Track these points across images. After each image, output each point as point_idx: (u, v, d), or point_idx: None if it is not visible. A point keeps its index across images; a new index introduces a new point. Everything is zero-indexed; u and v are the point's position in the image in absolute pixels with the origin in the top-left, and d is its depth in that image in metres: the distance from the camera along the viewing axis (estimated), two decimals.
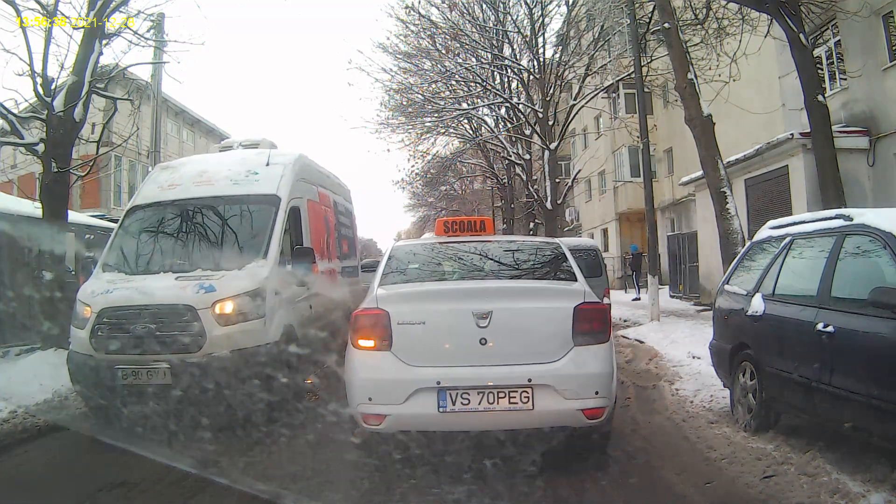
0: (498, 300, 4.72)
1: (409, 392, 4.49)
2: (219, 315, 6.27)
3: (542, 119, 24.76)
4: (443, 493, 4.28)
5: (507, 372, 4.52)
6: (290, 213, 7.50)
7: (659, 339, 11.67)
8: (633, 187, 31.05)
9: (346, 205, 10.89)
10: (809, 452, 4.94)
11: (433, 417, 4.51)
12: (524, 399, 4.48)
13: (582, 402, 4.58)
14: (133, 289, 6.46)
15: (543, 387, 4.50)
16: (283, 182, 7.57)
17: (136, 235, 7.42)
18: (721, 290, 6.69)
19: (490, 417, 4.52)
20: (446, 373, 4.52)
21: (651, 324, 13.63)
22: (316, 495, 4.42)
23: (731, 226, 9.91)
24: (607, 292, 13.92)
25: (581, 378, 4.59)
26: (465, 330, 4.58)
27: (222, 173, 7.70)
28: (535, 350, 4.62)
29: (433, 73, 26.52)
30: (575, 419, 4.60)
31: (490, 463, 4.54)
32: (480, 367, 4.54)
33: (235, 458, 5.42)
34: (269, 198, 7.39)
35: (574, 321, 4.67)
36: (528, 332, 4.67)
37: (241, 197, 7.36)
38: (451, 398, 4.48)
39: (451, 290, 5.11)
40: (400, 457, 4.73)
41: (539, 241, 7.03)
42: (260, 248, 6.93)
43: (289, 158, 8.09)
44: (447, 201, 55.20)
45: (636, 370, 9.45)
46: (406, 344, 4.60)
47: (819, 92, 13.84)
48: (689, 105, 10.22)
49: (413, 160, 30.69)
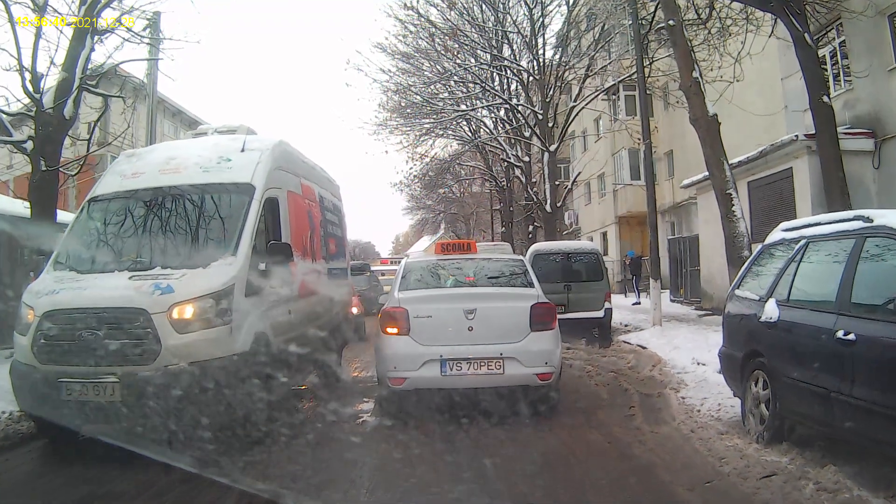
0: (480, 301, 6.91)
1: (421, 362, 6.60)
2: (176, 320, 5.48)
3: (542, 121, 24.53)
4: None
5: (486, 349, 6.62)
6: (266, 204, 6.73)
7: (661, 345, 11.41)
8: (632, 190, 30.83)
9: (335, 201, 10.28)
10: (827, 467, 4.68)
11: (437, 379, 6.62)
12: (498, 366, 6.61)
13: (536, 368, 6.67)
14: (80, 289, 5.74)
15: (511, 359, 6.60)
16: (259, 169, 6.85)
17: (92, 229, 6.68)
18: (731, 296, 6.42)
19: (475, 379, 6.64)
20: (446, 349, 6.61)
21: (653, 329, 13.38)
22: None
23: (737, 228, 9.66)
24: (608, 296, 13.69)
25: (536, 353, 6.69)
26: (458, 321, 6.70)
27: (192, 160, 6.98)
28: (505, 334, 6.71)
29: (431, 73, 26.30)
30: (532, 381, 6.71)
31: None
32: (469, 346, 6.62)
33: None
34: (241, 187, 6.60)
35: (531, 315, 6.80)
36: (500, 322, 6.76)
37: (210, 186, 6.65)
38: (450, 366, 6.58)
39: (448, 294, 7.40)
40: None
41: (508, 257, 9.30)
42: (229, 244, 6.14)
43: (267, 144, 7.40)
44: (445, 204, 54.84)
45: (640, 377, 9.18)
46: (419, 330, 6.73)
47: (824, 92, 13.61)
48: (694, 104, 9.98)
49: (411, 162, 30.48)
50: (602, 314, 13.49)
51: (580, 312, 13.40)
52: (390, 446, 5.87)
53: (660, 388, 8.23)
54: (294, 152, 8.40)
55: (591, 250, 14.25)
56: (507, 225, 35.98)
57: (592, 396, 8.02)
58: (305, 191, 8.46)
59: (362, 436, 6.44)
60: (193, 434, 5.25)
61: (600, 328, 13.93)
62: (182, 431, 5.26)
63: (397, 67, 26.30)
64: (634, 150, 30.94)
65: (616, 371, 9.59)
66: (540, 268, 13.94)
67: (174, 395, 5.33)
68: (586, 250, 14.23)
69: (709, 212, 19.65)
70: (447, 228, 68.49)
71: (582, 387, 8.64)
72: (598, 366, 10.03)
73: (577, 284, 13.58)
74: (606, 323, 13.74)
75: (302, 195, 8.26)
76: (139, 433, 5.32)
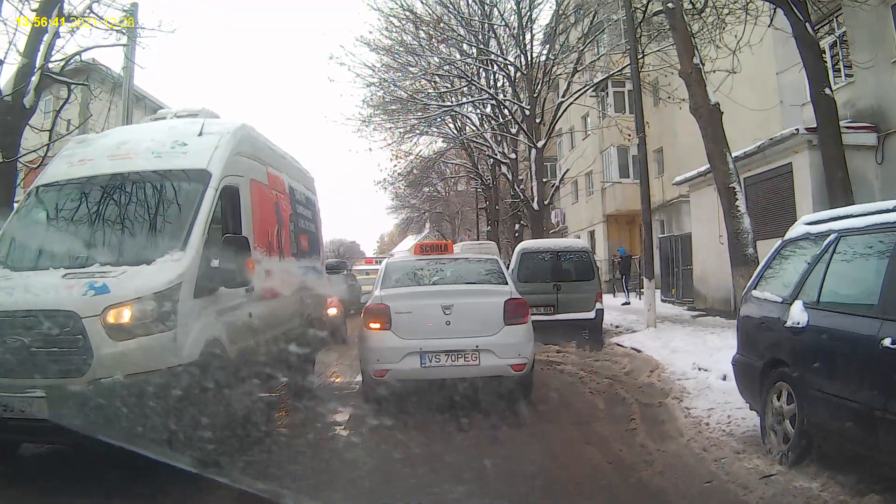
0: (457, 297, 7.21)
1: (402, 355, 6.87)
2: (111, 325, 4.73)
3: (529, 117, 23.87)
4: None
5: (463, 342, 6.90)
6: (223, 193, 5.99)
7: (658, 348, 10.75)
8: (621, 188, 30.28)
9: (308, 194, 9.47)
10: (869, 496, 4.01)
11: (417, 370, 6.90)
12: (474, 358, 6.89)
13: (510, 360, 6.96)
14: (7, 289, 5.04)
15: (486, 351, 6.88)
16: (218, 155, 6.11)
17: (31, 222, 6.01)
18: (747, 297, 5.72)
19: (453, 370, 6.92)
20: (425, 343, 6.89)
21: (647, 330, 12.72)
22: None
23: (741, 225, 9.00)
24: (599, 297, 13.01)
25: (509, 345, 6.97)
26: (436, 316, 6.99)
27: (144, 144, 6.24)
28: (480, 328, 6.99)
29: (416, 68, 25.53)
30: (506, 371, 7.01)
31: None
32: (446, 339, 6.91)
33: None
34: (196, 173, 5.88)
35: (504, 310, 7.10)
36: (476, 317, 7.07)
37: (161, 172, 5.92)
38: (429, 358, 6.86)
39: (427, 291, 7.76)
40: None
41: (483, 257, 10.07)
42: (178, 237, 5.40)
43: (227, 127, 6.64)
44: (431, 203, 54.21)
45: (637, 384, 8.50)
46: (400, 325, 6.99)
47: (826, 84, 13.02)
48: (696, 92, 9.31)
49: (396, 160, 29.72)
50: (593, 315, 12.81)
51: (570, 313, 12.72)
52: (364, 459, 5.55)
53: (661, 397, 7.56)
54: (260, 138, 7.62)
55: (582, 248, 13.56)
56: (493, 224, 35.29)
57: (588, 406, 7.33)
58: (273, 181, 7.69)
59: (332, 451, 5.78)
60: (134, 456, 4.47)
61: (591, 330, 13.25)
62: (120, 452, 4.49)
63: (382, 63, 25.55)
64: (623, 147, 30.42)
65: (611, 377, 8.90)
66: (528, 267, 13.27)
67: (108, 413, 4.58)
68: (576, 248, 13.53)
69: (702, 209, 19.10)
70: (432, 228, 67.89)
71: (575, 395, 7.94)
72: (591, 371, 9.35)
73: (566, 284, 12.90)
74: (598, 324, 13.06)
75: (268, 185, 7.49)
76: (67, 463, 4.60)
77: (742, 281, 9.04)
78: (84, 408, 4.59)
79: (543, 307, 12.77)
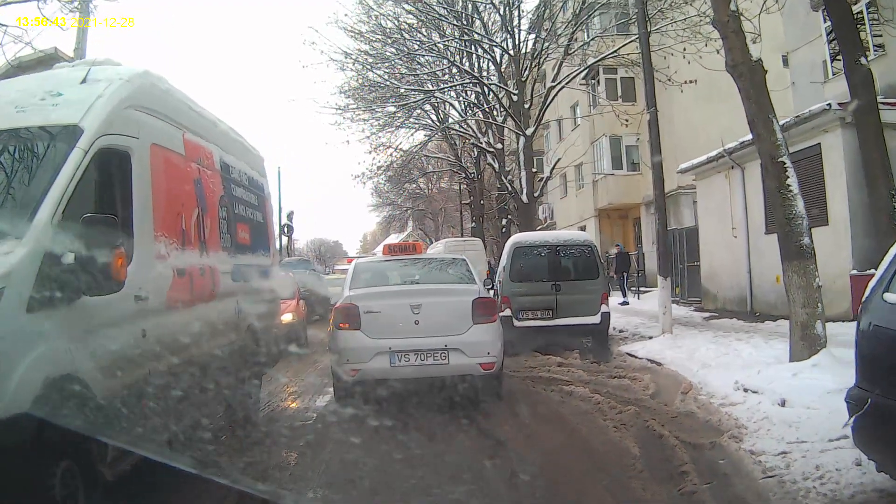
0: (425, 296, 7.28)
1: (372, 354, 6.91)
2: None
3: (517, 102, 21.97)
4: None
5: (432, 341, 6.96)
6: (101, 158, 4.24)
7: (682, 361, 8.95)
8: (614, 180, 28.54)
9: (253, 175, 7.61)
10: None
11: (387, 370, 6.92)
12: (443, 357, 6.95)
13: (479, 358, 7.02)
14: None
15: (455, 350, 6.95)
16: (98, 106, 4.35)
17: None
18: (871, 303, 3.82)
19: (422, 369, 6.98)
20: (395, 342, 6.94)
21: (663, 337, 10.89)
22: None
23: (794, 209, 7.17)
24: (605, 298, 11.20)
25: (478, 344, 7.04)
26: (405, 315, 7.03)
27: (10, 96, 4.54)
28: (449, 327, 7.04)
29: (396, 55, 23.50)
30: (475, 370, 7.04)
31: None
32: (415, 338, 6.96)
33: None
34: (62, 130, 4.16)
35: (473, 309, 7.14)
36: (444, 316, 7.12)
37: (15, 131, 4.19)
38: (398, 357, 6.92)
39: (396, 291, 7.83)
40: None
41: (450, 257, 9.76)
42: (18, 220, 3.66)
43: (121, 74, 4.84)
44: (413, 200, 52.55)
45: (671, 412, 6.63)
46: (369, 325, 7.02)
47: (861, 53, 11.36)
48: (733, 45, 7.48)
49: (374, 152, 27.72)
50: (598, 320, 10.99)
51: (572, 318, 10.90)
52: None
53: (710, 434, 5.71)
54: (174, 92, 5.68)
55: (584, 242, 11.69)
56: (478, 220, 33.39)
57: (615, 451, 5.40)
58: (193, 151, 5.74)
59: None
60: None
61: (595, 337, 11.45)
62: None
63: (359, 50, 23.47)
64: (615, 137, 28.67)
65: (635, 401, 7.03)
66: (521, 264, 11.42)
67: None
68: (578, 242, 11.68)
69: (710, 199, 17.38)
70: (415, 226, 66.29)
71: (596, 432, 6.03)
72: (608, 393, 7.47)
73: (567, 284, 11.07)
74: (604, 331, 11.25)
75: (185, 156, 5.55)
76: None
77: (797, 279, 7.23)
78: None
79: (541, 310, 10.96)
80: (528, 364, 9.74)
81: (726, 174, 16.34)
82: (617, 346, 11.36)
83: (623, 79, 28.04)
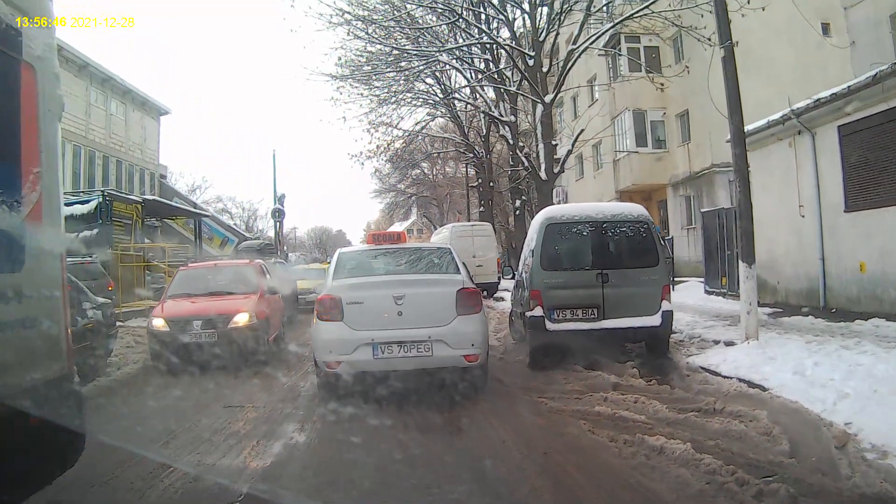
0: (409, 287, 7.15)
1: (354, 346, 6.84)
2: None
3: (534, 67, 19.19)
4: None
5: (416, 332, 6.86)
6: None
7: (797, 384, 6.18)
8: (637, 159, 25.77)
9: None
10: None
11: (370, 362, 6.86)
12: (426, 349, 6.84)
13: (463, 350, 6.90)
14: None
15: (439, 341, 6.85)
16: None
17: None
18: None
19: (405, 361, 6.88)
20: (378, 334, 6.85)
21: (747, 345, 8.10)
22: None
23: None
24: (667, 292, 8.45)
25: (462, 335, 6.92)
26: (388, 306, 6.93)
27: None
28: (433, 318, 6.94)
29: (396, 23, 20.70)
30: (459, 362, 6.96)
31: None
32: (399, 330, 6.87)
33: None
34: None
35: (457, 300, 7.05)
36: (428, 307, 7.01)
37: None
38: (381, 349, 6.83)
39: (379, 282, 7.54)
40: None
41: (434, 246, 9.87)
42: None
43: None
44: (417, 187, 50.15)
45: (844, 490, 3.89)
46: (352, 316, 6.96)
47: None
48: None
49: (373, 129, 24.98)
50: (658, 321, 8.24)
51: (625, 318, 8.17)
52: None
53: None
54: None
55: (639, 217, 8.75)
56: (487, 203, 30.60)
57: None
58: None
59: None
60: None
61: (652, 343, 8.69)
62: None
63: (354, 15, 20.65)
64: (639, 111, 25.87)
65: (770, 466, 4.28)
66: (557, 247, 8.64)
67: None
68: (631, 217, 8.77)
69: (767, 173, 14.52)
70: (419, 213, 63.92)
71: None
72: (716, 448, 4.69)
73: (617, 273, 8.31)
74: (664, 336, 8.47)
75: None
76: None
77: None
78: None
79: (582, 308, 8.24)
80: (571, 387, 7.04)
81: (790, 141, 13.59)
82: (681, 356, 8.59)
83: (647, 48, 25.24)
